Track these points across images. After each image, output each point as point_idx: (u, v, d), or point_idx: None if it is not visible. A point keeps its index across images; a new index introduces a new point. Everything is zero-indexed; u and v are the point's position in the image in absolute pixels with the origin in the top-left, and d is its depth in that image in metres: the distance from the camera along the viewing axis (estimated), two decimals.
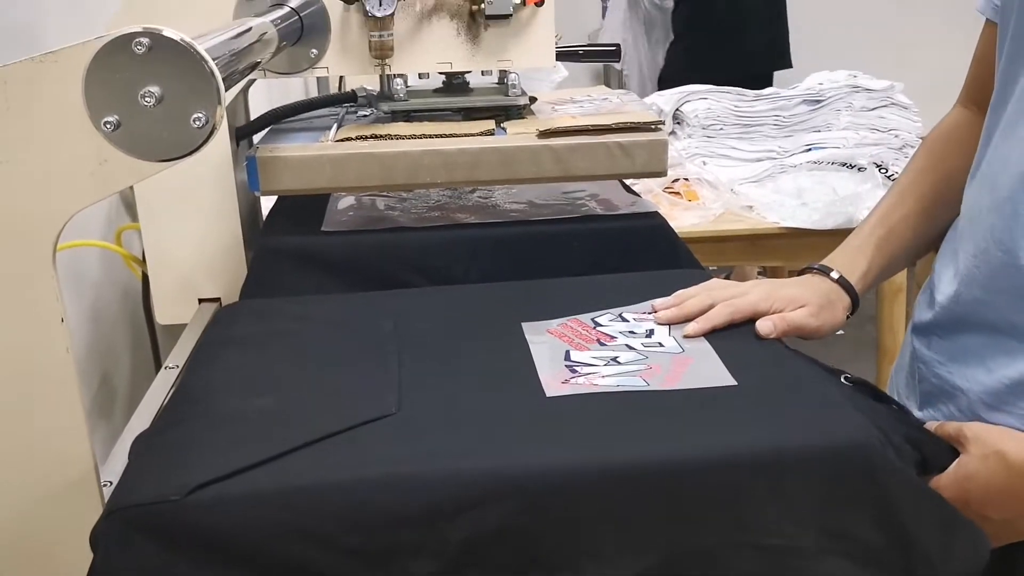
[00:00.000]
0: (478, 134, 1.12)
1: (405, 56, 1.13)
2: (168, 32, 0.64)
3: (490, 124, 1.16)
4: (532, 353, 0.84)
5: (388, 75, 1.18)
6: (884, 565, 0.70)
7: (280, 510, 0.65)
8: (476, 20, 1.12)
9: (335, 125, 1.19)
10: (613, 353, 0.84)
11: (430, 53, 1.14)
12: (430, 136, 1.12)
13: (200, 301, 1.19)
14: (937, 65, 2.69)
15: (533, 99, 1.27)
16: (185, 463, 0.68)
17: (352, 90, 1.31)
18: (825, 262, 0.99)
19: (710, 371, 0.80)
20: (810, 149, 2.21)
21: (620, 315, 0.91)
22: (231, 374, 0.83)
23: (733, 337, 0.87)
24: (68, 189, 0.68)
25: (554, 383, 0.78)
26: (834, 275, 0.96)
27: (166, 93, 0.65)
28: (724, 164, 2.26)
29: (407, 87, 1.20)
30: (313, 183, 1.09)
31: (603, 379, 0.79)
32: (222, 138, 1.13)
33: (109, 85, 0.64)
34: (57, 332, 0.72)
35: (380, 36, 1.09)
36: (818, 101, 2.27)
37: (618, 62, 3.89)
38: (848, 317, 0.96)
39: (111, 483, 0.75)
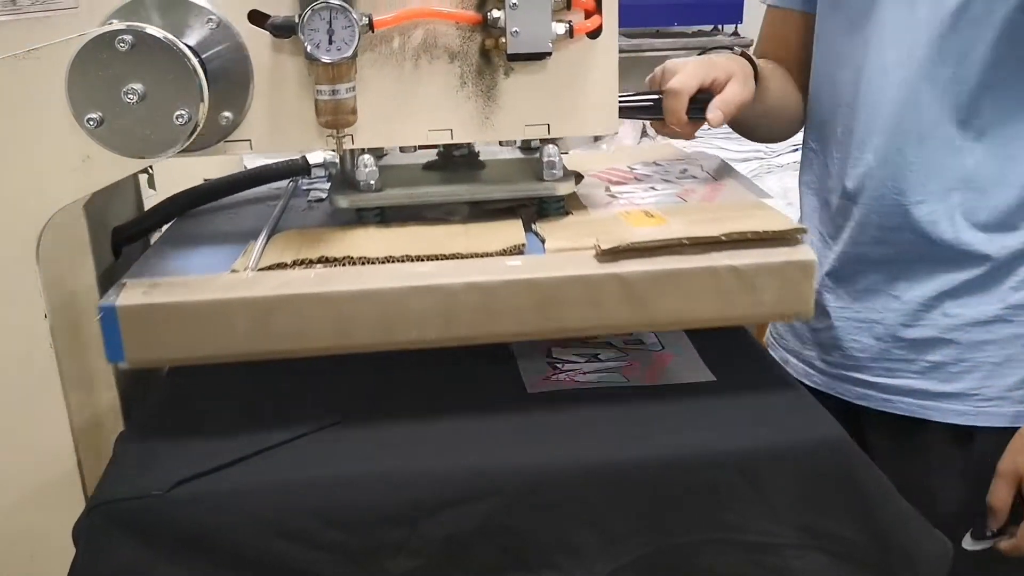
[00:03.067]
0: (497, 253, 0.73)
1: (377, 122, 0.73)
2: (151, 30, 0.65)
3: (517, 230, 0.76)
4: (514, 349, 0.84)
5: (350, 150, 0.77)
6: (863, 561, 0.71)
7: (261, 505, 0.65)
8: (492, 62, 0.74)
9: (266, 227, 0.79)
10: (594, 350, 0.84)
11: (417, 116, 0.74)
12: (416, 258, 0.73)
13: None
14: None
15: (579, 177, 0.84)
16: (168, 459, 0.69)
17: (303, 157, 0.92)
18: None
19: (689, 367, 0.81)
20: (797, 149, 2.21)
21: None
22: (213, 375, 0.83)
23: (713, 335, 0.87)
24: (51, 185, 0.69)
25: (536, 379, 0.79)
26: (736, 50, 0.99)
27: (149, 90, 0.65)
28: None
29: (379, 163, 0.78)
30: (216, 348, 0.67)
31: (584, 376, 0.80)
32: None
33: (92, 82, 0.65)
34: (41, 327, 0.72)
35: (334, 94, 0.69)
36: None
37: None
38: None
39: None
